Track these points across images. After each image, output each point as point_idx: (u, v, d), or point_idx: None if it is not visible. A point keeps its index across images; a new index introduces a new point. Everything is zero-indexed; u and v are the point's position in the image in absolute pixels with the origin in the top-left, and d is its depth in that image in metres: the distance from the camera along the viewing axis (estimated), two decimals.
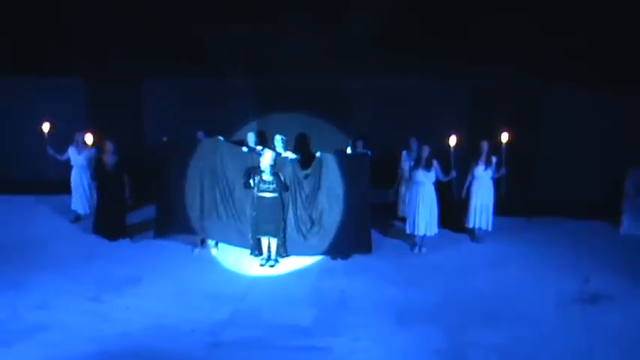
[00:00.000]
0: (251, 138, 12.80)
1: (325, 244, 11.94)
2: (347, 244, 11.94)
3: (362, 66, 14.08)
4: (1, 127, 14.88)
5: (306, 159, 12.12)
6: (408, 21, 14.00)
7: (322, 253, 12.06)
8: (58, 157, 13.33)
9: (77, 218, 13.67)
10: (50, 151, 13.17)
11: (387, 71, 13.96)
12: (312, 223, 11.94)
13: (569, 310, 10.37)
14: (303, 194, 11.89)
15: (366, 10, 14.19)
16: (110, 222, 12.79)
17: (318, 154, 11.86)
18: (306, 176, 11.86)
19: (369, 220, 11.94)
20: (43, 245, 12.46)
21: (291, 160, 11.93)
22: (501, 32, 13.45)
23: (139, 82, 14.82)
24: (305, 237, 11.97)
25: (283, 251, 11.90)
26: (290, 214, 11.90)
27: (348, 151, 12.91)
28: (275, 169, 11.53)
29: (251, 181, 11.62)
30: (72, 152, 13.37)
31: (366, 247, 11.98)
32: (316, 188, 11.83)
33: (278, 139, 12.42)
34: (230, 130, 13.28)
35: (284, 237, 11.86)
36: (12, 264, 11.64)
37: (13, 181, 14.82)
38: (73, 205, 13.57)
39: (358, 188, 11.72)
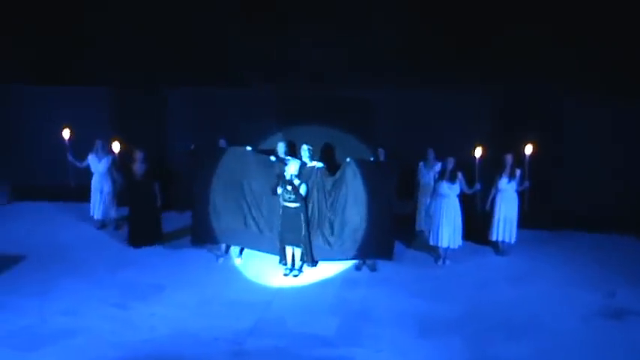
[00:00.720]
0: (281, 148, 12.82)
1: (350, 249, 11.93)
2: (369, 249, 11.91)
3: (384, 77, 14.14)
4: (27, 135, 15.07)
5: (331, 168, 12.19)
6: (431, 32, 14.06)
7: (348, 259, 12.11)
8: (78, 164, 13.45)
9: (103, 225, 13.86)
10: (70, 158, 13.32)
11: (409, 82, 14.02)
12: (338, 229, 11.95)
13: (593, 325, 10.32)
14: (329, 200, 11.94)
15: (389, 21, 14.28)
16: (145, 230, 12.97)
17: (347, 159, 11.92)
18: (334, 182, 11.92)
19: (392, 227, 11.92)
20: (69, 252, 12.64)
21: (318, 168, 12.02)
22: (524, 43, 13.46)
23: (162, 91, 14.94)
24: (331, 243, 12.00)
25: (309, 259, 11.96)
26: (316, 221, 11.99)
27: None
28: (300, 178, 11.65)
29: (278, 189, 11.74)
30: (92, 159, 13.53)
31: (387, 253, 11.94)
32: (343, 194, 11.84)
33: (304, 149, 12.47)
34: (253, 140, 13.32)
35: (309, 246, 11.93)
36: (39, 270, 11.83)
37: (38, 187, 15.06)
38: (91, 212, 13.72)
39: (384, 195, 11.69)
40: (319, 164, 12.17)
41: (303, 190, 11.65)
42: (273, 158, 12.30)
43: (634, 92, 13.13)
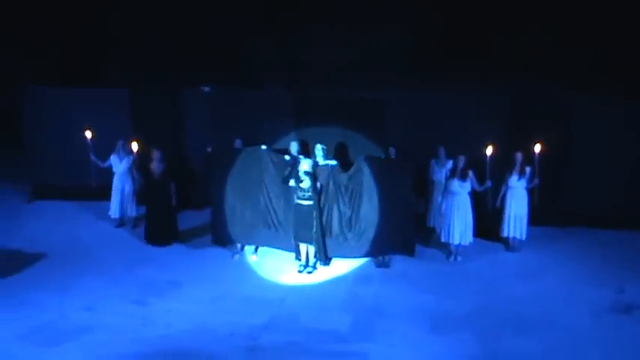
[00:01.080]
0: (294, 147, 12.77)
1: (366, 245, 11.94)
2: (390, 244, 11.91)
3: (396, 78, 14.16)
4: (48, 135, 15.11)
5: (345, 166, 12.16)
6: (442, 34, 14.07)
7: (365, 255, 12.09)
8: (100, 163, 13.53)
9: (121, 224, 13.92)
10: (93, 157, 13.41)
11: (420, 83, 14.03)
12: (355, 224, 11.96)
13: (602, 320, 10.30)
14: (346, 196, 11.93)
15: (401, 24, 14.30)
16: (161, 228, 13.01)
17: (361, 157, 11.92)
18: (350, 178, 11.89)
19: (412, 223, 11.93)
20: (89, 250, 12.72)
21: (332, 165, 12.00)
22: (535, 46, 13.44)
23: (179, 92, 14.95)
24: (348, 238, 12.00)
25: (322, 257, 11.94)
26: (334, 217, 11.96)
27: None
28: (313, 176, 11.65)
29: (291, 181, 11.73)
30: (114, 159, 13.58)
31: (409, 249, 11.94)
32: (358, 190, 11.85)
33: (318, 148, 12.42)
34: (267, 140, 13.34)
35: (323, 243, 11.92)
36: (60, 268, 11.91)
37: (59, 187, 15.11)
38: (110, 210, 13.77)
39: (400, 192, 11.67)
40: (333, 162, 12.16)
41: (317, 184, 11.66)
42: (287, 157, 12.31)
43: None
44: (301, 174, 11.61)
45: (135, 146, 13.06)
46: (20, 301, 10.64)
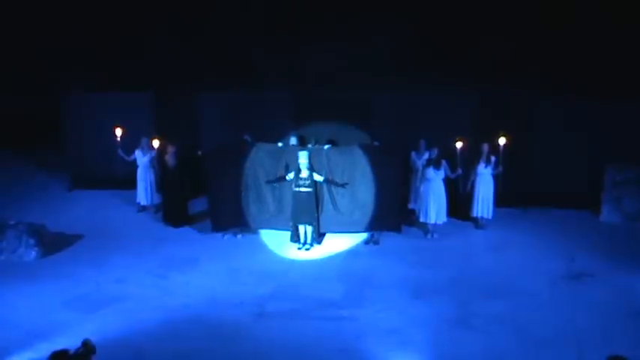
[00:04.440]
0: (293, 141, 12.67)
1: (360, 222, 11.72)
2: (378, 222, 11.71)
3: (382, 81, 14.06)
4: (84, 134, 14.90)
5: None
6: (422, 44, 14.06)
7: (358, 231, 11.89)
8: (126, 157, 13.35)
9: (142, 209, 13.68)
10: (120, 152, 13.24)
11: (402, 85, 13.94)
12: (348, 203, 11.69)
13: (558, 285, 10.26)
14: (341, 176, 11.61)
15: (386, 35, 14.26)
16: (175, 212, 12.85)
17: (355, 144, 11.78)
18: (341, 153, 11.63)
19: (399, 204, 11.80)
20: (118, 231, 12.56)
21: (327, 147, 11.86)
22: (501, 52, 13.37)
23: (195, 96, 14.78)
24: (342, 213, 11.72)
25: (317, 235, 11.73)
26: (328, 195, 11.68)
27: None
28: (311, 166, 11.40)
29: (289, 175, 11.48)
30: (138, 154, 13.36)
31: (396, 227, 11.77)
32: (351, 171, 11.57)
33: (309, 147, 12.29)
34: (270, 135, 13.13)
35: (318, 225, 11.69)
36: (94, 247, 11.82)
37: (94, 178, 14.88)
38: (137, 199, 13.55)
39: (390, 176, 11.53)
40: (327, 146, 12.01)
41: (319, 178, 11.43)
42: (280, 144, 12.19)
43: (591, 91, 13.08)
44: (301, 166, 11.35)
45: (156, 143, 12.94)
46: (63, 275, 10.64)
